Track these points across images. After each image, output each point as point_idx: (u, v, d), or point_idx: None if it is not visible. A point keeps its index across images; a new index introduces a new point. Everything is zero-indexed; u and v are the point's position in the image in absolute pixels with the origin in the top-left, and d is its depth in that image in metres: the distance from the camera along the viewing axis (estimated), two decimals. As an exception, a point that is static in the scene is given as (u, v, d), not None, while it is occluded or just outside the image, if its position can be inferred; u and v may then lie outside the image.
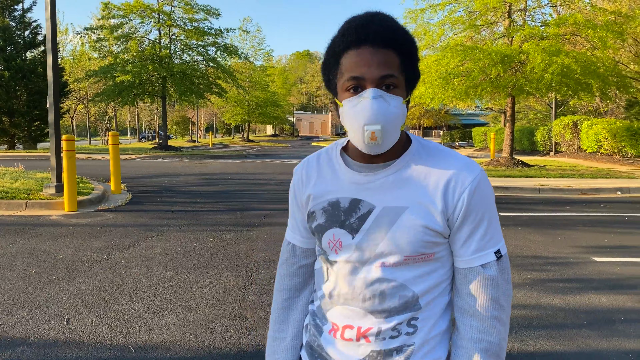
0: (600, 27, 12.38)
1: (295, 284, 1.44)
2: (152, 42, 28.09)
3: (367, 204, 1.21)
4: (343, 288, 1.24)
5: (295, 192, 1.38)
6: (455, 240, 1.21)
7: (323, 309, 1.33)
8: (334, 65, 1.19)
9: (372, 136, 1.12)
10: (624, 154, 19.58)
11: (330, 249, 1.26)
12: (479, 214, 1.18)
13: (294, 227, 1.42)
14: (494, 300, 1.19)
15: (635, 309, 4.23)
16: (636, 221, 8.08)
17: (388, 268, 1.19)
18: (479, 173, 1.19)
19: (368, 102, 1.11)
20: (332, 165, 1.30)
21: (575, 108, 30.41)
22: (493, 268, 1.19)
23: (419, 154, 1.22)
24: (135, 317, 3.96)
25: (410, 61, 1.17)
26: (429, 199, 1.17)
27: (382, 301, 1.20)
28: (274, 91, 52.72)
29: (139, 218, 7.92)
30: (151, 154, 24.88)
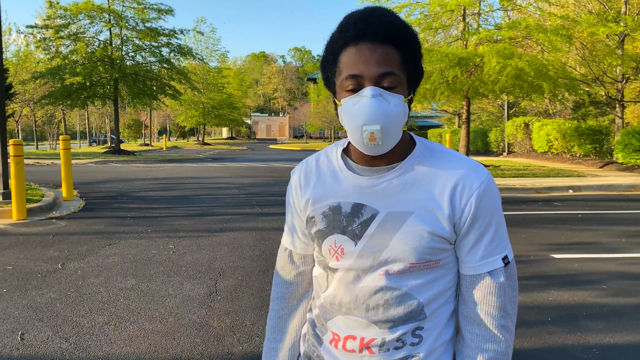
0: (550, 31, 12.84)
1: (293, 292, 1.38)
2: (102, 43, 27.21)
3: (371, 209, 1.15)
4: (345, 297, 1.19)
5: (293, 196, 1.31)
6: (461, 246, 1.16)
7: (323, 318, 1.27)
8: (332, 63, 1.14)
9: (371, 136, 1.07)
10: (573, 154, 20.37)
11: (331, 256, 1.20)
12: (487, 218, 1.14)
13: (291, 232, 1.36)
14: (501, 308, 1.15)
15: (595, 304, 4.35)
16: (589, 218, 8.37)
17: (392, 276, 1.14)
18: (487, 176, 1.15)
19: (367, 100, 1.06)
20: (333, 167, 1.23)
21: (526, 109, 31.47)
22: (500, 275, 1.15)
23: (424, 156, 1.17)
24: (95, 329, 3.77)
25: (412, 58, 1.12)
26: (435, 203, 1.12)
27: (386, 311, 1.15)
28: (230, 93, 52.11)
29: (94, 225, 7.61)
30: (103, 158, 24.11)
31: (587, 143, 19.19)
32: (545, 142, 21.76)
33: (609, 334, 3.73)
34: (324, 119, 47.67)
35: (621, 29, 15.02)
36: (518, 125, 24.22)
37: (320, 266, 1.27)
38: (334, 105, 1.18)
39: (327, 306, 1.24)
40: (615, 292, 4.66)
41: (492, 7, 16.29)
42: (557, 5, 16.43)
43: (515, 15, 17.36)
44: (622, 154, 16.37)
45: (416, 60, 1.14)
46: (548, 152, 22.00)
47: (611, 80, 18.54)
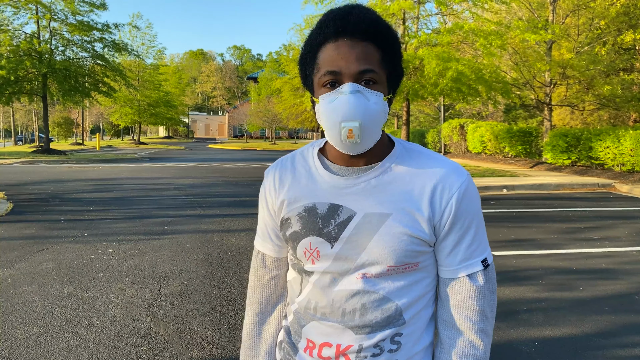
0: (491, 35, 13.35)
1: (267, 297, 1.32)
2: (29, 36, 25.71)
3: (347, 210, 1.11)
4: (320, 301, 1.14)
5: (267, 197, 1.25)
6: (441, 249, 1.14)
7: (298, 325, 1.22)
8: (310, 59, 1.10)
9: (349, 134, 1.03)
10: (505, 154, 21.29)
11: (307, 259, 1.15)
12: (467, 220, 1.12)
13: (264, 235, 1.29)
14: (480, 312, 1.14)
15: (534, 299, 4.54)
16: (523, 216, 8.76)
17: (370, 279, 1.10)
18: (467, 177, 1.13)
19: (345, 97, 1.02)
20: (308, 167, 1.19)
21: (461, 112, 32.63)
22: (480, 278, 1.14)
23: (403, 157, 1.15)
24: (30, 341, 3.53)
25: (392, 56, 1.09)
26: (414, 205, 1.09)
27: (363, 315, 1.11)
28: (167, 91, 50.70)
29: (24, 230, 7.15)
30: (32, 158, 22.81)
31: (518, 144, 20.11)
32: (479, 144, 22.62)
33: (549, 327, 3.90)
34: (264, 118, 47.35)
35: (549, 37, 15.84)
36: (454, 127, 25.06)
37: (295, 270, 1.22)
38: (312, 103, 1.14)
39: (302, 312, 1.20)
40: (552, 287, 4.88)
41: (430, 12, 16.72)
42: (490, 11, 17.11)
43: (451, 20, 17.92)
44: (550, 154, 17.27)
45: (396, 59, 1.11)
46: (482, 153, 22.88)
47: (540, 84, 19.52)
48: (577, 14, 19.94)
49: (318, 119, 1.11)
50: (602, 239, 6.89)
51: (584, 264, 5.65)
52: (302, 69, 1.14)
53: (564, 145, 16.45)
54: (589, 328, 3.89)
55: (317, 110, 1.10)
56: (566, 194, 11.92)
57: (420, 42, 14.54)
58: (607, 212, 9.24)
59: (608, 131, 14.96)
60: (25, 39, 25.31)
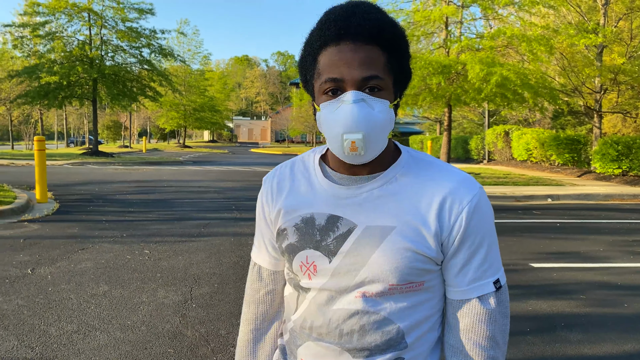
0: (534, 40, 12.96)
1: (262, 313, 1.25)
2: (81, 43, 26.76)
3: (348, 222, 1.04)
4: (316, 320, 1.07)
5: (264, 205, 1.18)
6: (449, 268, 1.05)
7: (293, 345, 1.14)
8: (311, 63, 1.03)
9: (352, 146, 0.96)
10: (552, 162, 20.62)
11: (303, 274, 1.08)
12: (478, 237, 1.03)
13: (260, 246, 1.23)
14: (491, 337, 1.04)
15: (573, 314, 4.33)
16: (567, 227, 8.42)
17: (370, 299, 1.02)
18: (478, 190, 1.04)
19: (348, 106, 0.95)
20: (308, 175, 1.12)
21: (506, 118, 31.84)
22: (491, 300, 1.04)
23: (409, 167, 1.07)
24: (63, 338, 3.62)
25: (399, 59, 1.02)
26: (420, 218, 1.01)
27: (362, 337, 1.03)
28: (211, 96, 51.73)
29: (67, 229, 7.40)
30: (81, 159, 23.66)
31: (565, 152, 19.44)
32: (525, 151, 22.00)
33: (588, 345, 3.71)
34: (306, 123, 47.61)
35: (600, 40, 15.25)
36: (498, 133, 24.47)
37: (291, 285, 1.15)
38: (313, 109, 1.07)
39: (297, 331, 1.12)
40: (594, 302, 4.66)
41: (474, 16, 16.42)
42: (537, 15, 16.64)
43: (497, 24, 17.53)
44: (599, 163, 16.60)
45: (403, 61, 1.03)
46: (527, 161, 22.24)
47: (589, 90, 18.83)
48: (631, 17, 19.13)
49: (319, 128, 1.04)
50: (652, 253, 6.54)
51: (630, 280, 5.37)
52: (302, 72, 1.07)
53: (615, 154, 15.78)
54: (632, 347, 3.68)
55: (318, 119, 1.03)
56: (615, 205, 11.41)
57: (463, 47, 14.27)
58: (658, 224, 8.78)
59: (662, 140, 14.27)
60: (78, 45, 26.36)
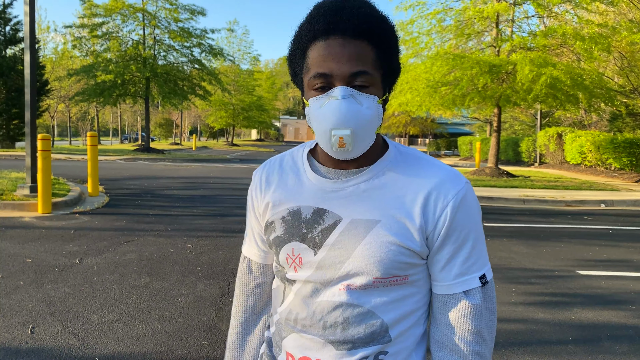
0: (589, 39, 12.45)
1: (251, 306, 1.27)
2: (135, 42, 27.71)
3: (333, 215, 1.04)
4: (301, 312, 1.08)
5: (253, 199, 1.20)
6: (434, 262, 1.05)
7: (278, 337, 1.16)
8: (300, 57, 1.03)
9: (340, 142, 0.97)
10: (607, 167, 19.75)
11: (289, 266, 1.09)
12: (463, 232, 1.03)
13: (250, 239, 1.25)
14: (476, 332, 1.04)
15: (621, 325, 4.13)
16: (620, 234, 8.05)
17: (354, 291, 1.03)
18: (464, 185, 1.04)
19: (336, 102, 0.96)
20: (297, 169, 1.13)
21: (560, 120, 30.73)
22: (477, 295, 1.04)
23: (397, 161, 1.07)
24: (104, 326, 3.75)
25: (388, 54, 1.01)
26: (405, 212, 1.01)
27: (345, 330, 1.04)
28: (259, 95, 52.45)
29: (115, 222, 7.67)
30: (132, 156, 24.50)
31: (623, 156, 18.56)
32: (578, 154, 21.16)
33: (633, 357, 3.53)
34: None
35: (662, 39, 14.47)
36: (550, 135, 23.62)
37: (278, 277, 1.17)
38: (302, 104, 1.08)
39: (283, 323, 1.13)
40: (644, 313, 4.43)
41: (527, 13, 15.93)
42: (596, 12, 15.96)
43: (551, 22, 16.96)
44: (659, 168, 15.78)
45: (392, 56, 1.03)
46: (581, 164, 21.39)
47: (650, 91, 17.93)
48: (697, 14, 18.08)
49: (308, 122, 1.05)
50: None
51: (685, 291, 5.07)
52: (292, 66, 1.08)
53: (676, 159, 14.96)
54: (683, 363, 3.47)
55: (307, 113, 1.04)
56: (674, 212, 10.81)
57: (514, 46, 13.85)
58: None
59: None
60: (132, 45, 27.31)
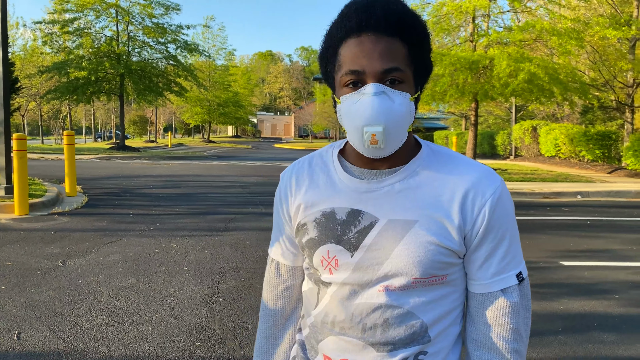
0: (564, 34, 12.67)
1: (280, 309, 1.25)
2: (108, 39, 27.17)
3: (369, 216, 1.03)
4: (339, 315, 1.06)
5: (282, 201, 1.18)
6: (472, 261, 1.05)
7: (314, 340, 1.14)
8: (332, 56, 1.02)
9: (372, 139, 0.96)
10: (581, 159, 20.17)
11: (324, 268, 1.07)
12: (501, 230, 1.02)
13: (278, 242, 1.22)
14: (514, 330, 1.04)
15: (607, 314, 4.22)
16: (598, 225, 8.23)
17: (393, 292, 1.02)
18: (500, 183, 1.03)
19: (368, 99, 0.95)
20: (327, 170, 1.11)
21: (534, 113, 31.25)
22: (514, 293, 1.04)
23: (430, 160, 1.06)
24: (93, 330, 3.67)
25: (420, 51, 1.01)
26: (443, 212, 1.01)
27: (386, 331, 1.03)
28: (236, 91, 52.04)
29: (96, 222, 7.52)
30: (108, 154, 24.07)
31: (595, 148, 18.99)
32: (553, 147, 21.57)
33: (622, 346, 3.61)
34: (329, 118, 47.57)
35: (633, 33, 14.81)
36: (525, 129, 24.03)
37: (311, 280, 1.15)
38: (333, 102, 1.07)
39: (318, 325, 1.12)
40: (628, 302, 4.53)
41: (502, 9, 16.13)
42: (568, 8, 16.24)
43: (525, 18, 17.19)
44: (631, 159, 16.18)
45: (425, 53, 1.02)
46: (555, 157, 21.82)
47: (621, 85, 18.34)
48: (666, 9, 18.55)
49: (339, 121, 1.03)
50: (688, 252, 6.34)
51: (665, 279, 5.21)
52: (323, 64, 1.07)
53: (647, 150, 15.36)
54: (669, 350, 3.57)
55: (338, 112, 1.03)
56: (648, 202, 11.10)
57: (491, 41, 14.01)
58: (694, 223, 8.51)
59: (698, 135, 13.82)
60: (106, 41, 26.78)
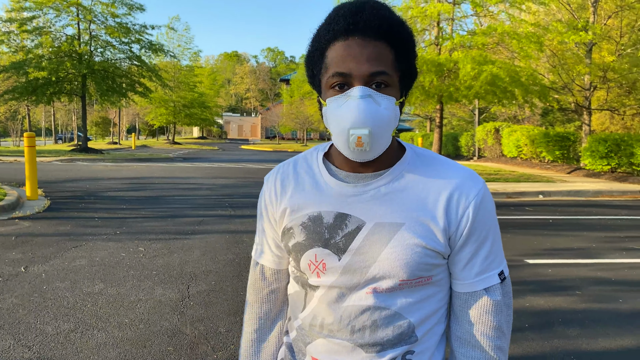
0: (524, 38, 13.05)
1: (266, 312, 1.25)
2: (69, 38, 26.43)
3: (356, 220, 1.04)
4: (327, 317, 1.08)
5: (267, 205, 1.19)
6: (456, 262, 1.07)
7: (301, 342, 1.15)
8: (318, 58, 1.03)
9: (358, 141, 0.97)
10: (542, 159, 20.76)
11: (311, 272, 1.08)
12: (484, 231, 1.05)
13: (262, 245, 1.23)
14: (497, 328, 1.07)
15: (571, 310, 4.37)
16: (560, 223, 8.49)
17: (380, 294, 1.04)
18: (483, 185, 1.07)
19: (355, 102, 0.96)
20: (312, 173, 1.12)
21: (496, 115, 32.01)
22: (497, 292, 1.07)
23: (415, 163, 1.08)
24: (60, 337, 3.58)
25: (406, 56, 1.03)
26: (429, 214, 1.03)
27: (374, 332, 1.05)
28: (201, 92, 51.40)
29: (59, 226, 7.32)
30: (70, 156, 23.43)
31: (555, 149, 19.58)
32: (515, 148, 22.13)
33: (585, 340, 3.74)
34: (296, 120, 47.55)
35: (590, 38, 15.35)
36: (488, 130, 24.58)
37: (298, 283, 1.15)
38: (319, 104, 1.08)
39: (306, 328, 1.13)
40: (590, 298, 4.70)
41: (466, 13, 16.47)
42: (528, 12, 16.71)
43: (487, 22, 17.59)
44: (589, 160, 16.75)
45: (410, 59, 1.04)
46: (517, 158, 22.39)
47: (579, 88, 18.98)
48: (620, 15, 19.30)
49: (325, 123, 1.04)
50: (644, 249, 6.61)
51: (624, 275, 5.42)
52: (309, 67, 1.08)
53: (604, 151, 15.93)
54: (629, 343, 3.72)
55: (324, 114, 1.04)
56: (605, 201, 11.52)
57: (455, 44, 14.29)
58: (649, 221, 8.88)
59: (651, 137, 14.42)
60: (66, 40, 26.04)
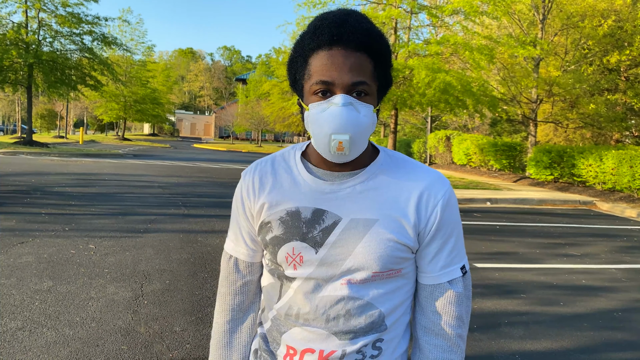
0: (476, 49, 13.52)
1: (239, 303, 1.29)
2: (16, 25, 25.28)
3: (333, 215, 1.11)
4: (303, 307, 1.14)
5: (244, 199, 1.22)
6: (423, 256, 1.16)
7: (276, 332, 1.20)
8: (301, 64, 1.09)
9: (339, 146, 1.04)
10: (490, 168, 21.50)
11: (288, 264, 1.14)
12: (449, 228, 1.15)
13: (237, 239, 1.27)
14: (459, 317, 1.17)
15: (516, 312, 4.57)
16: (506, 230, 8.84)
17: (354, 285, 1.11)
18: (449, 186, 1.16)
19: (337, 109, 1.03)
20: (291, 171, 1.18)
21: (447, 123, 32.90)
22: (459, 284, 1.17)
23: (387, 164, 1.16)
24: (7, 335, 3.46)
25: (384, 68, 1.10)
26: (400, 211, 1.11)
27: (348, 321, 1.12)
28: (154, 88, 50.20)
29: (3, 222, 7.02)
30: (13, 149, 22.41)
31: (502, 158, 20.32)
32: (465, 156, 22.82)
33: (529, 341, 3.93)
34: (252, 120, 47.16)
35: (537, 53, 16.04)
36: (440, 138, 25.25)
37: (273, 275, 1.20)
38: (300, 107, 1.14)
39: (281, 318, 1.19)
40: (533, 300, 4.93)
41: (423, 22, 16.88)
42: (481, 25, 17.31)
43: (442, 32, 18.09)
44: (534, 169, 17.48)
45: (387, 69, 1.12)
46: (467, 165, 23.09)
47: (527, 100, 19.79)
48: (566, 33, 20.28)
49: (306, 126, 1.10)
50: (583, 255, 6.98)
51: (564, 280, 5.72)
52: (292, 72, 1.13)
53: (548, 161, 16.67)
54: (569, 343, 3.94)
55: (306, 118, 1.09)
56: (548, 209, 12.07)
57: (410, 52, 14.63)
58: (587, 229, 9.37)
59: (591, 149, 15.19)
60: (13, 28, 24.91)
